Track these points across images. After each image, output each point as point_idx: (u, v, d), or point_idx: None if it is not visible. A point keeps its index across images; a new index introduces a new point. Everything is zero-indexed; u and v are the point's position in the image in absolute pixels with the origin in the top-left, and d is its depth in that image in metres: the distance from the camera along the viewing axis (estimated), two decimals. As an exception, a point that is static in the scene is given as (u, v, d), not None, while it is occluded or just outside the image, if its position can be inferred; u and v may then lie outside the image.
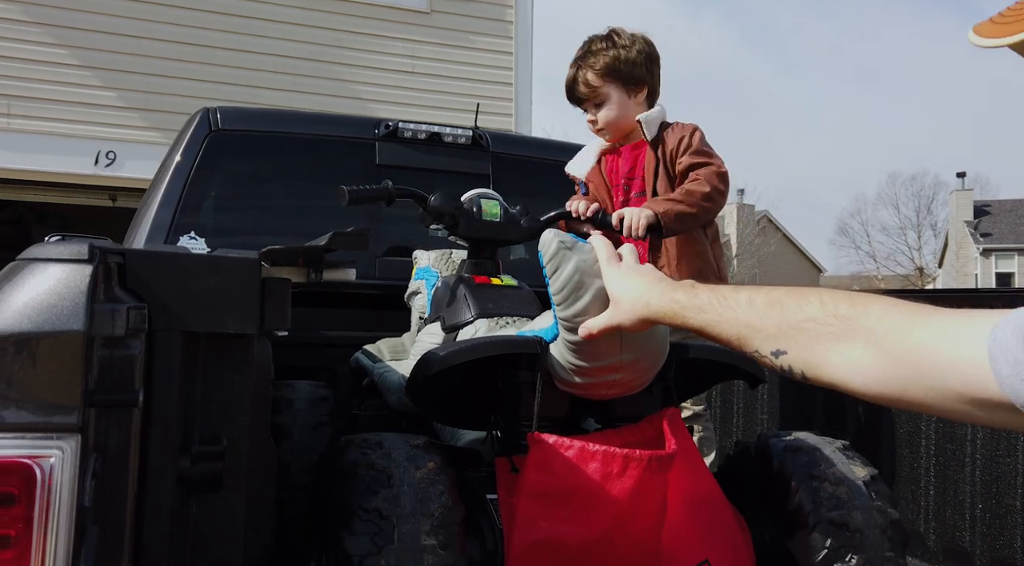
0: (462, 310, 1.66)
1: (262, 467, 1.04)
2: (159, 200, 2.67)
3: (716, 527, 1.31)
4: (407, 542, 1.12)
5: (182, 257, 0.87)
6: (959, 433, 1.72)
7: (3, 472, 0.71)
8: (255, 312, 0.88)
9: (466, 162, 2.95)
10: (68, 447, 0.72)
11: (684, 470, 1.28)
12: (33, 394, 0.72)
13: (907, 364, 0.72)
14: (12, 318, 0.73)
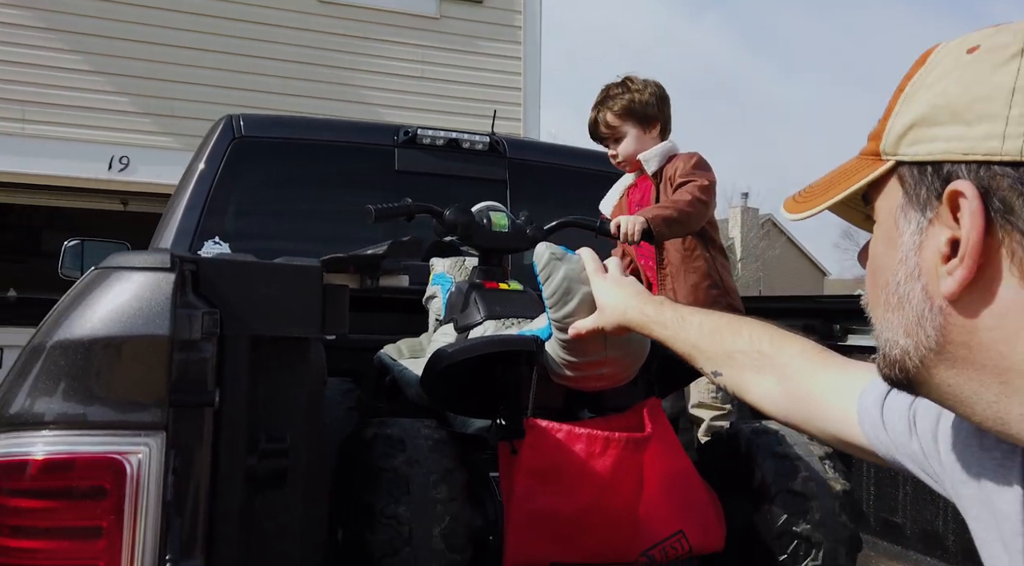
0: (473, 312, 1.79)
1: (318, 465, 1.09)
2: (184, 205, 2.72)
3: (689, 501, 1.45)
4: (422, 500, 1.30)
5: (250, 265, 0.91)
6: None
7: (95, 467, 0.76)
8: (317, 317, 0.93)
9: (483, 168, 3.00)
10: (154, 444, 0.77)
11: (660, 451, 1.43)
12: (121, 394, 0.77)
13: (804, 405, 0.88)
14: (101, 322, 0.77)
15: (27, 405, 0.78)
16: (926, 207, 0.58)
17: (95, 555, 0.76)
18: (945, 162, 0.56)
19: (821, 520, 1.45)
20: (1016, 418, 0.54)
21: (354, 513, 1.31)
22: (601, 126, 2.38)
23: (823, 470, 1.50)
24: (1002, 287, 0.54)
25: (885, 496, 2.00)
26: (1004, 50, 0.55)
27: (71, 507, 0.77)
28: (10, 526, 0.77)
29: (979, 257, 0.54)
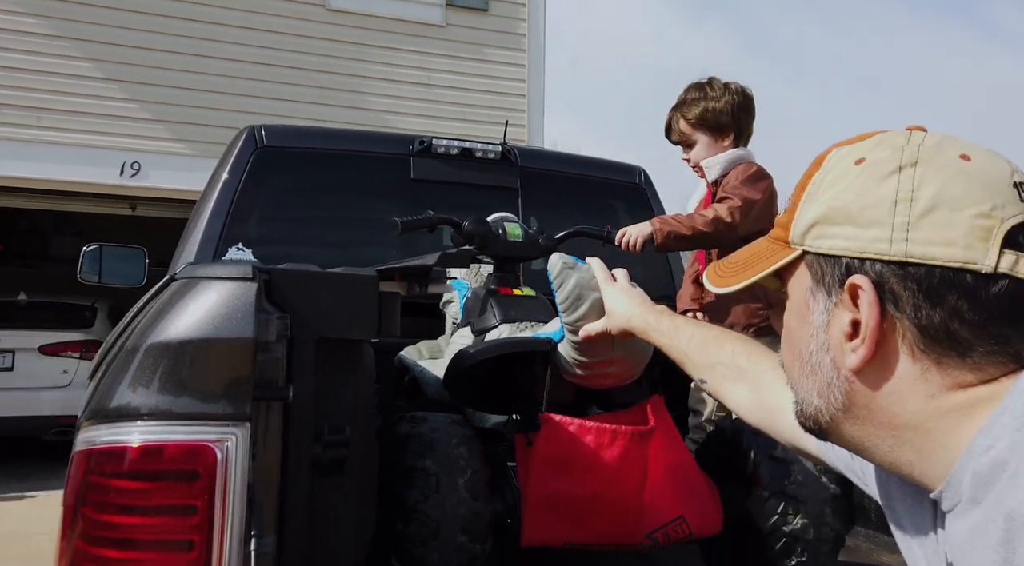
0: (489, 316, 1.91)
1: (369, 456, 1.19)
2: (209, 213, 2.81)
3: (689, 490, 1.57)
4: (449, 493, 1.40)
5: (315, 275, 1.02)
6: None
7: (189, 454, 0.86)
8: (374, 321, 1.03)
9: (496, 176, 3.09)
10: (241, 433, 0.87)
11: (662, 444, 1.55)
12: (211, 389, 0.87)
13: (769, 415, 1.00)
14: (194, 326, 0.88)
15: (125, 399, 0.88)
16: (831, 292, 0.68)
17: (190, 531, 0.86)
18: (844, 257, 0.66)
19: (810, 521, 1.56)
20: (906, 463, 0.66)
21: (388, 506, 1.42)
22: (673, 134, 2.41)
23: (816, 474, 1.60)
24: (897, 362, 0.64)
25: (884, 491, 2.10)
26: (885, 165, 0.66)
27: (167, 488, 0.87)
28: (115, 504, 0.87)
29: (876, 338, 0.64)
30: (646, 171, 3.42)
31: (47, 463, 7.29)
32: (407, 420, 1.51)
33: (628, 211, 3.33)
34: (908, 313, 0.63)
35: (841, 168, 0.70)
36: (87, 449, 0.89)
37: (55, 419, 6.96)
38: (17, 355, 6.95)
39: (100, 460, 0.88)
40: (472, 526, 1.42)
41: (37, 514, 5.69)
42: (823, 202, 0.69)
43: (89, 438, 0.89)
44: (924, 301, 0.63)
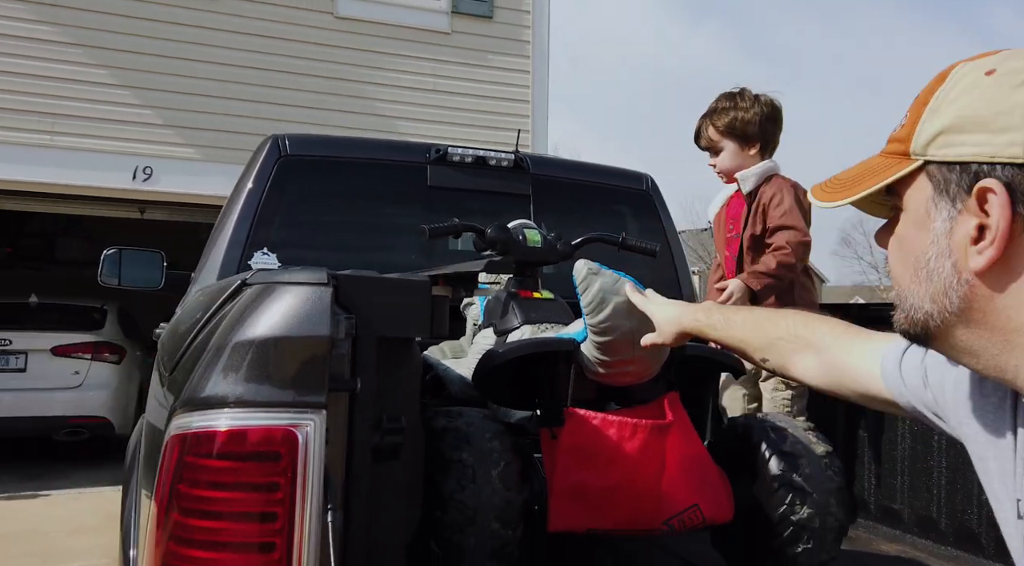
0: (511, 318, 2.01)
1: (418, 443, 1.31)
2: (236, 218, 2.92)
3: (703, 480, 1.68)
4: (483, 483, 1.50)
5: (377, 280, 1.14)
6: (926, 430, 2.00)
7: (273, 437, 0.98)
8: (427, 322, 1.15)
9: (509, 183, 3.21)
10: (318, 419, 0.99)
11: (678, 437, 1.66)
12: (292, 380, 0.99)
13: (838, 372, 1.04)
14: (277, 325, 1.00)
15: (215, 390, 1.00)
16: (955, 199, 0.71)
17: (274, 505, 0.98)
18: (973, 163, 0.69)
19: (816, 511, 1.67)
20: (1011, 368, 0.70)
21: (427, 494, 1.53)
22: (702, 140, 2.56)
23: (821, 467, 1.71)
24: (1020, 264, 0.68)
25: (885, 486, 2.22)
26: (1018, 74, 0.70)
27: (254, 468, 0.99)
28: (207, 481, 0.99)
29: (1006, 239, 0.67)
30: (653, 178, 3.53)
31: (59, 463, 7.41)
32: (443, 415, 1.62)
33: (636, 216, 3.44)
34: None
35: (969, 80, 0.72)
36: (181, 433, 1.00)
37: (66, 419, 7.08)
38: (30, 356, 7.06)
39: (193, 443, 0.99)
40: (505, 514, 1.53)
41: (51, 513, 5.80)
42: (950, 113, 0.71)
43: (182, 424, 1.01)
44: None
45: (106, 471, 7.11)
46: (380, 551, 1.16)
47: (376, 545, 1.15)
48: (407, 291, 1.15)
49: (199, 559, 0.98)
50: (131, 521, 1.64)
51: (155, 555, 1.00)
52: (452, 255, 3.01)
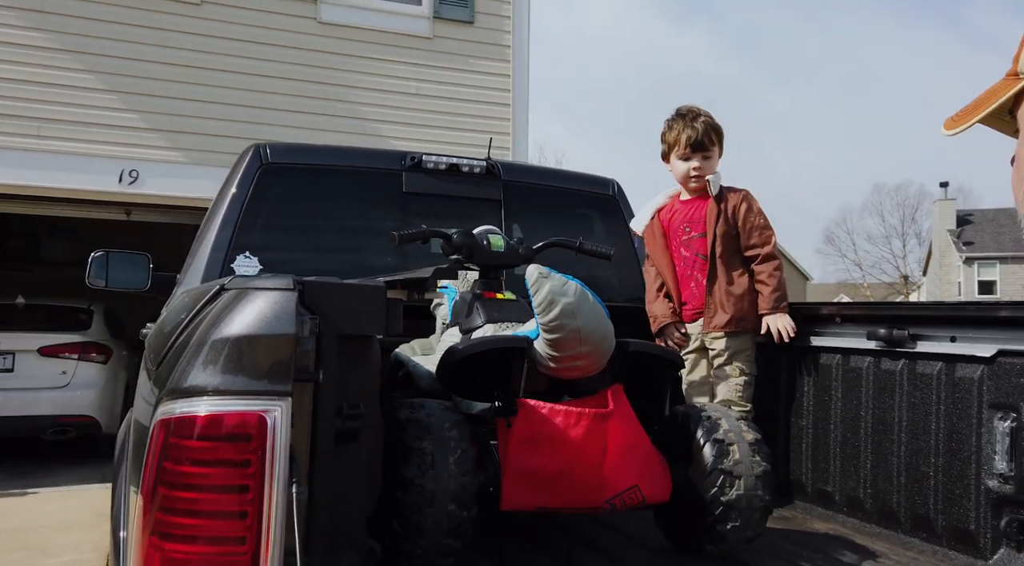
0: (475, 317, 2.19)
1: (376, 428, 1.47)
2: (219, 223, 3.07)
3: (643, 463, 1.86)
4: (441, 468, 1.67)
5: (337, 285, 1.30)
6: (888, 418, 2.17)
7: (246, 421, 1.14)
8: (382, 322, 1.31)
9: (481, 189, 3.37)
10: (284, 405, 1.15)
11: (619, 424, 1.84)
12: (263, 371, 1.15)
13: None
14: (251, 324, 1.16)
15: (195, 381, 1.16)
16: None
17: (247, 479, 1.14)
18: None
19: (744, 493, 1.86)
20: None
21: (391, 478, 1.69)
22: (706, 138, 2.73)
23: (750, 454, 1.90)
24: None
25: (819, 471, 2.41)
26: None
27: (229, 447, 1.14)
28: (189, 459, 1.15)
29: None
30: (618, 183, 3.71)
31: (47, 461, 7.52)
32: (406, 406, 1.79)
33: (602, 219, 3.62)
34: None
35: None
36: (166, 418, 1.16)
37: (54, 418, 7.18)
38: (17, 357, 7.16)
39: (177, 426, 1.16)
40: (461, 496, 1.69)
41: (40, 509, 5.92)
42: None
43: (167, 410, 1.17)
44: None
45: (93, 469, 7.23)
46: (342, 522, 1.32)
47: (339, 517, 1.32)
48: (364, 295, 1.31)
49: (183, 525, 1.14)
50: (121, 509, 1.79)
51: (145, 524, 1.16)
52: (425, 258, 3.17)
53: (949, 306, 2.13)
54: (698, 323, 2.68)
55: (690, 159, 2.71)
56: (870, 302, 2.78)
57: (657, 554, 2.00)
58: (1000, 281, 33.74)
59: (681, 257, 2.77)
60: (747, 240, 2.64)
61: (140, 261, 4.39)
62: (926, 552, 2.03)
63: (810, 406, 2.45)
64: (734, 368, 2.57)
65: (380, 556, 1.58)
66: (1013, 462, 1.82)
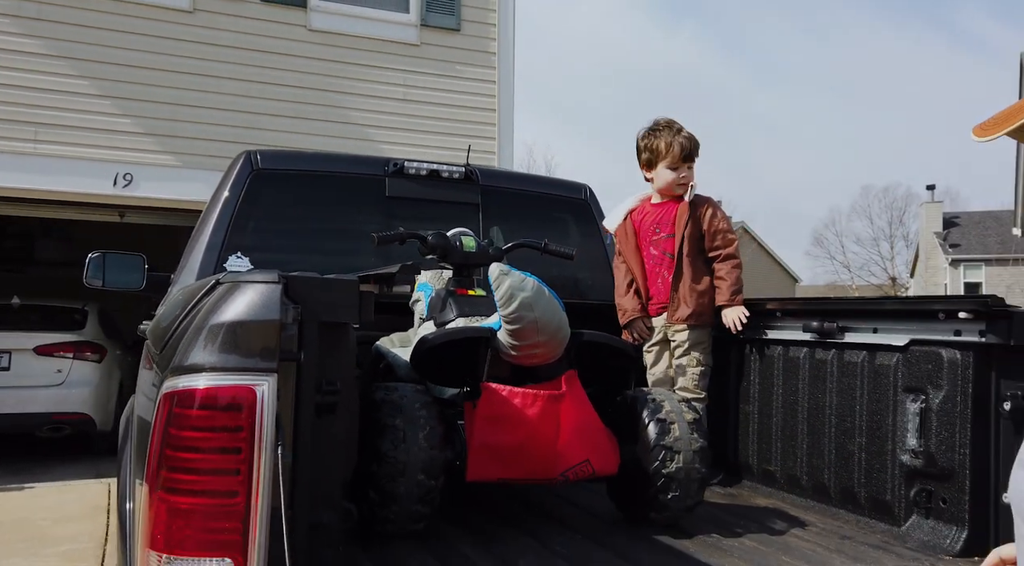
0: (448, 312, 2.44)
1: (352, 403, 1.68)
2: (212, 225, 3.28)
3: (593, 440, 2.09)
4: (411, 443, 1.89)
5: (316, 279, 1.51)
6: (820, 402, 2.40)
7: (238, 393, 1.36)
8: (356, 311, 1.53)
9: (460, 193, 3.59)
10: (271, 380, 1.37)
11: (572, 405, 2.07)
12: (252, 351, 1.37)
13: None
14: (242, 311, 1.37)
15: (195, 360, 1.37)
16: None
17: (239, 441, 1.35)
18: None
19: (683, 466, 2.10)
20: None
21: (368, 452, 1.91)
22: (694, 151, 2.99)
23: (688, 432, 2.13)
24: None
25: (763, 452, 2.63)
26: None
27: (224, 416, 1.36)
28: (191, 425, 1.36)
29: None
30: (590, 188, 3.94)
31: (42, 457, 7.70)
32: (382, 389, 2.01)
33: (575, 222, 3.85)
34: None
35: None
36: (170, 392, 1.37)
37: (49, 416, 7.36)
38: (13, 356, 7.33)
39: (180, 398, 1.37)
40: (429, 468, 1.93)
41: (37, 503, 6.10)
42: None
43: (171, 385, 1.38)
44: None
45: (88, 465, 7.42)
46: (322, 483, 1.54)
47: (319, 479, 1.53)
48: (340, 288, 1.53)
49: (185, 480, 1.35)
50: (127, 489, 1.98)
51: (154, 481, 1.37)
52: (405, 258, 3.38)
53: (872, 301, 2.37)
54: (663, 317, 2.91)
55: (679, 168, 2.95)
56: (806, 298, 3.04)
57: (608, 523, 2.22)
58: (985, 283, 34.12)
59: (650, 255, 3.00)
60: (711, 242, 2.88)
61: (135, 262, 4.61)
62: (850, 522, 2.26)
63: (756, 393, 2.68)
64: (692, 359, 2.80)
65: (356, 518, 1.80)
66: (922, 439, 2.05)
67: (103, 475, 7.05)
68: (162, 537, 1.36)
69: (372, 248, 3.33)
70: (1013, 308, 1.90)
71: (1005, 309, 1.90)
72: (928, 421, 2.04)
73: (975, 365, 1.95)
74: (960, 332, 1.99)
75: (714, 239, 2.88)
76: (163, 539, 1.36)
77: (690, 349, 2.81)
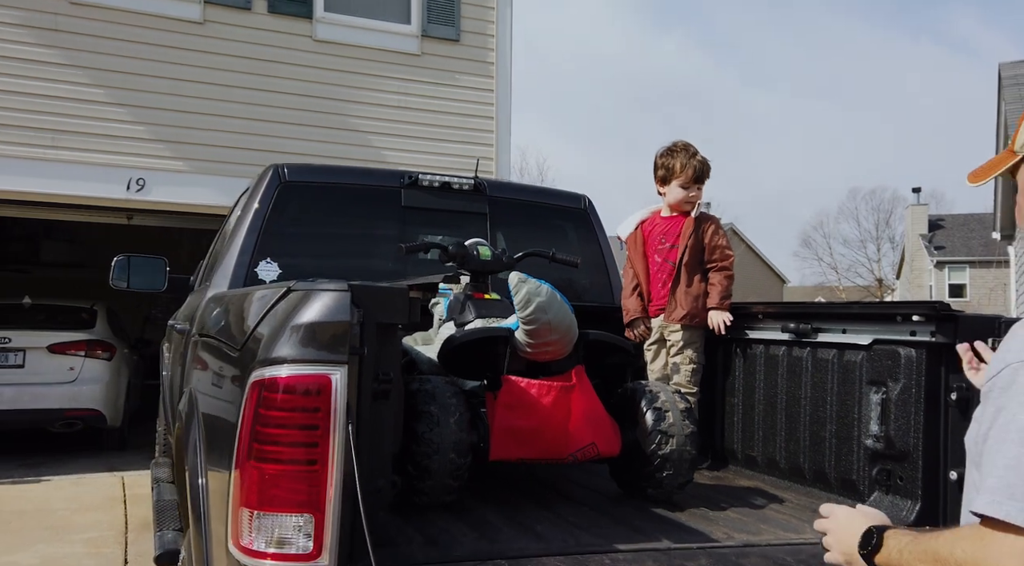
0: (467, 314, 2.75)
1: (400, 391, 1.99)
2: (244, 233, 3.57)
3: (599, 425, 2.41)
4: (444, 426, 2.18)
5: (375, 287, 1.82)
6: (797, 394, 2.73)
7: (317, 380, 1.66)
8: (406, 314, 1.84)
9: (469, 204, 3.90)
10: (343, 370, 1.67)
11: (581, 395, 2.38)
12: (327, 346, 1.67)
13: None
14: (319, 313, 1.68)
15: (280, 353, 1.68)
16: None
17: (317, 420, 1.66)
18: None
19: (675, 448, 2.41)
20: None
21: (407, 434, 2.22)
22: (705, 174, 3.31)
23: (681, 420, 2.45)
24: None
25: (747, 439, 2.96)
26: None
27: (304, 401, 1.66)
28: (276, 407, 1.66)
29: None
30: (589, 198, 4.26)
31: (56, 451, 7.96)
32: (419, 381, 2.32)
33: (575, 230, 4.17)
34: None
35: None
36: (259, 379, 1.68)
37: (63, 412, 7.62)
38: (28, 354, 7.58)
39: (266, 386, 1.67)
40: (459, 447, 2.23)
41: (55, 494, 6.38)
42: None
43: (259, 374, 1.68)
44: None
45: (100, 459, 7.69)
46: (377, 455, 1.85)
47: (375, 451, 1.84)
48: (394, 294, 1.84)
49: (273, 451, 1.66)
50: (197, 469, 2.25)
51: (247, 453, 1.67)
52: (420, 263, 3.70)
53: (841, 305, 2.69)
54: (661, 318, 3.23)
55: (690, 188, 3.28)
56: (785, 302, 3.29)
57: (610, 497, 2.54)
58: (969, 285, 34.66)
59: (655, 262, 3.32)
60: (710, 255, 3.22)
61: (158, 265, 4.91)
62: (821, 498, 2.58)
63: (741, 387, 3.00)
64: (685, 357, 3.13)
65: (400, 487, 2.11)
66: (883, 425, 2.37)
67: (115, 469, 7.32)
68: (255, 497, 1.67)
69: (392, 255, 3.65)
70: (958, 312, 2.23)
71: (951, 313, 2.22)
72: (888, 410, 2.36)
73: (927, 361, 2.28)
74: (915, 333, 2.32)
75: (713, 253, 3.22)
76: (256, 499, 1.67)
77: (684, 348, 3.13)
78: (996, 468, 1.05)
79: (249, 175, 4.50)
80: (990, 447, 1.07)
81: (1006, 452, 1.04)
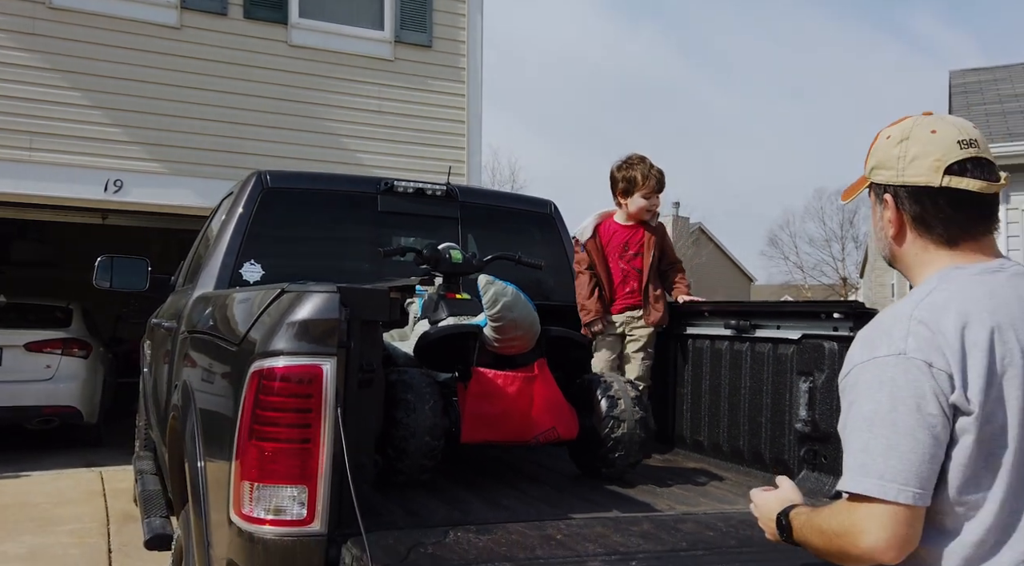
0: (440, 312, 3.00)
1: (381, 380, 2.26)
2: (229, 236, 3.79)
3: (559, 412, 2.68)
4: (420, 412, 2.42)
5: (359, 289, 2.07)
6: (737, 384, 3.03)
7: (310, 370, 1.92)
8: (387, 312, 2.10)
9: (442, 208, 4.15)
10: (333, 361, 1.93)
11: (542, 385, 2.66)
12: (319, 340, 1.93)
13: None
14: (312, 311, 1.93)
15: (276, 346, 1.93)
16: (880, 200, 1.41)
17: (309, 406, 1.91)
18: (883, 184, 1.40)
19: (627, 432, 2.69)
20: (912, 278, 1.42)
21: (386, 419, 2.47)
22: (663, 184, 3.58)
23: (632, 405, 2.73)
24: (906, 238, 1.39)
25: (694, 426, 3.26)
26: (894, 140, 1.40)
27: (298, 388, 1.91)
28: (274, 393, 1.91)
29: (898, 222, 1.39)
30: (555, 204, 4.54)
31: (33, 448, 8.07)
32: (397, 372, 2.58)
33: (541, 234, 4.45)
34: (906, 208, 1.38)
35: (881, 140, 1.43)
36: (258, 369, 1.93)
37: (40, 409, 7.74)
38: (5, 352, 7.69)
39: (265, 375, 1.92)
40: (433, 431, 2.49)
41: (36, 489, 6.52)
42: (875, 157, 1.43)
43: (259, 365, 1.93)
44: (913, 202, 1.36)
45: (77, 455, 7.82)
46: (362, 437, 2.11)
47: (360, 434, 2.10)
48: (377, 295, 2.10)
49: (271, 431, 1.91)
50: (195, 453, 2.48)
51: (247, 433, 1.92)
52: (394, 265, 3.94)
53: (774, 304, 3.00)
54: (623, 315, 3.50)
55: (651, 198, 3.55)
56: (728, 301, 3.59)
57: (569, 477, 2.82)
58: (929, 284, 35.42)
59: (619, 268, 3.57)
60: (671, 260, 3.60)
61: (140, 265, 5.10)
62: (758, 477, 2.88)
63: (689, 378, 3.30)
64: (645, 353, 3.42)
65: (381, 467, 2.37)
66: (810, 411, 2.68)
67: (92, 464, 7.46)
68: (255, 472, 1.92)
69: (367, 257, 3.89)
70: (872, 310, 2.54)
71: (866, 311, 2.54)
72: (814, 397, 2.67)
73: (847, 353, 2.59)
74: (837, 328, 2.63)
75: (670, 257, 3.57)
76: (256, 473, 1.92)
77: (646, 345, 3.43)
78: (853, 451, 1.32)
79: (225, 176, 4.71)
80: (847, 435, 1.35)
81: (858, 438, 1.31)
